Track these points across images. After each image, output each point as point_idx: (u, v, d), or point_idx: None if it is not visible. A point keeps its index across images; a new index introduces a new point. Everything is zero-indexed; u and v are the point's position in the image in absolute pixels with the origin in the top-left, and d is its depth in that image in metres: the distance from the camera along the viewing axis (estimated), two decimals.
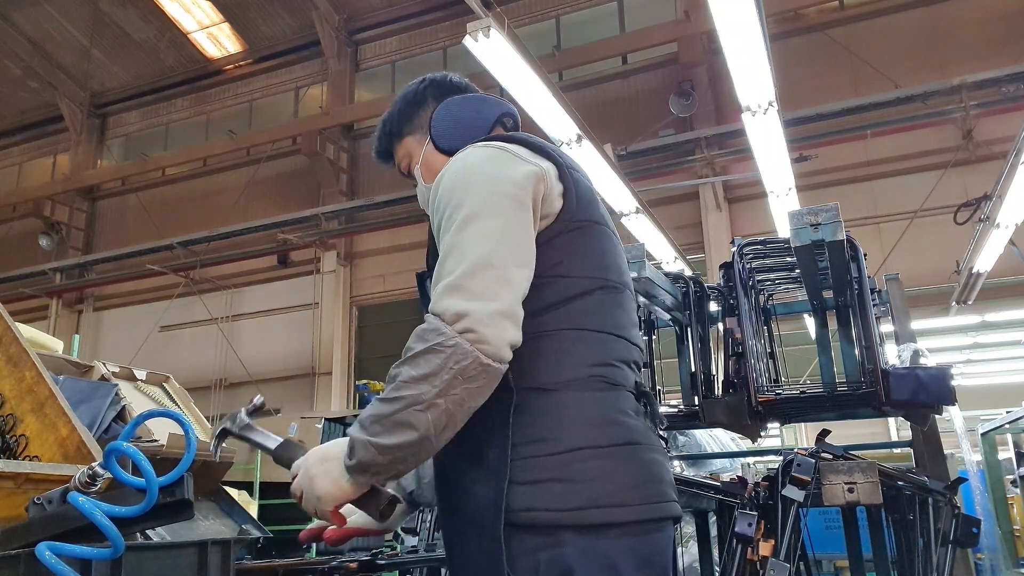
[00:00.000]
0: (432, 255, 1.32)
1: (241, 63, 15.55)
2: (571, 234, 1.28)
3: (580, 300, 1.27)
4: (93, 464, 1.22)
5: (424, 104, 1.53)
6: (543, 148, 1.34)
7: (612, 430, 1.23)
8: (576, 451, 1.18)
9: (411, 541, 3.12)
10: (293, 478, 1.25)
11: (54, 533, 1.16)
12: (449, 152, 1.41)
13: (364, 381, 13.02)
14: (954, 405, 2.92)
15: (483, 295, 1.14)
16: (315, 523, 1.40)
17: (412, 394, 1.12)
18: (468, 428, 1.17)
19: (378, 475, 1.18)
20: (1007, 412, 5.78)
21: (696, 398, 3.34)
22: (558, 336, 1.24)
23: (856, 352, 3.25)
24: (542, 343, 1.23)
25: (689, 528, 4.47)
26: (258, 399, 1.44)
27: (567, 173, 1.31)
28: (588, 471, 1.17)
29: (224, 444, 1.42)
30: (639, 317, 3.81)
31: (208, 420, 3.77)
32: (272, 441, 1.34)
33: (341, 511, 1.28)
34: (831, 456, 2.71)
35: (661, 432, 1.37)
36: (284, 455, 1.30)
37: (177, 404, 3.68)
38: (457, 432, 1.16)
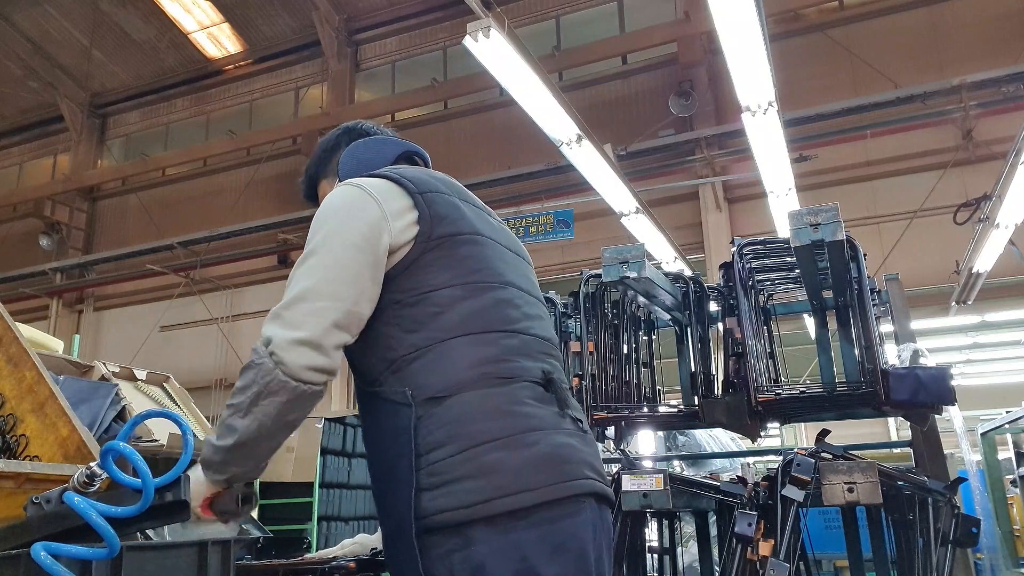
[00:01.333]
0: None
1: (241, 63, 15.55)
2: (431, 253, 1.39)
3: (456, 308, 1.36)
4: (91, 464, 1.22)
5: (338, 149, 1.70)
6: (402, 180, 1.45)
7: (509, 420, 1.30)
8: (475, 447, 1.26)
9: None
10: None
11: (52, 532, 1.16)
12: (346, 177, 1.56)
13: None
14: (954, 405, 2.92)
15: (292, 324, 1.32)
16: None
17: (235, 403, 1.32)
18: (384, 446, 1.33)
19: (218, 473, 1.33)
20: (1007, 412, 5.78)
21: (696, 398, 3.34)
22: (442, 346, 1.33)
23: (856, 352, 3.25)
24: (429, 355, 1.33)
25: (689, 528, 4.47)
26: None
27: (419, 199, 1.42)
28: (489, 464, 1.25)
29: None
30: (639, 317, 3.82)
31: (208, 420, 3.76)
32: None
33: None
34: (831, 456, 2.71)
35: (575, 415, 1.42)
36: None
37: (177, 404, 3.68)
38: (381, 450, 1.34)
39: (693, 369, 3.44)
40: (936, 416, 3.07)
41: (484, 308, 1.38)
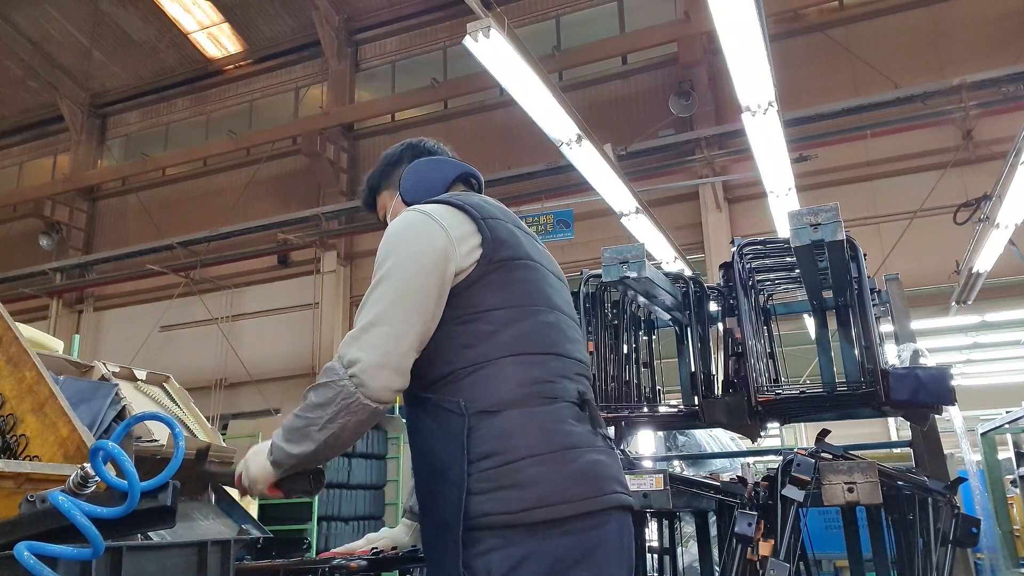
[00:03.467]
0: None
1: (241, 63, 15.55)
2: (492, 275, 1.51)
3: (510, 328, 1.49)
4: (85, 464, 1.21)
5: (400, 164, 1.82)
6: (465, 206, 1.57)
7: (551, 438, 1.44)
8: (521, 460, 1.39)
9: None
10: (238, 477, 1.60)
11: (43, 531, 1.15)
12: (407, 203, 1.69)
13: None
14: (954, 405, 2.92)
15: (371, 348, 1.43)
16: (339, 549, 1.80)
17: (311, 417, 1.46)
18: (435, 450, 1.45)
19: (290, 470, 1.52)
20: (1007, 412, 5.78)
21: (696, 398, 3.34)
22: (497, 363, 1.46)
23: (856, 352, 3.25)
24: (484, 371, 1.46)
25: (689, 528, 4.47)
26: None
27: (483, 224, 1.55)
28: (532, 477, 1.39)
29: None
30: (639, 317, 3.82)
31: (208, 420, 3.76)
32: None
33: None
34: (831, 456, 2.71)
35: (604, 432, 1.58)
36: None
37: (177, 404, 3.68)
38: (431, 452, 1.46)
39: (693, 369, 3.44)
40: (936, 416, 3.07)
41: (533, 330, 1.52)
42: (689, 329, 3.49)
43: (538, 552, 1.36)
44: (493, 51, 5.53)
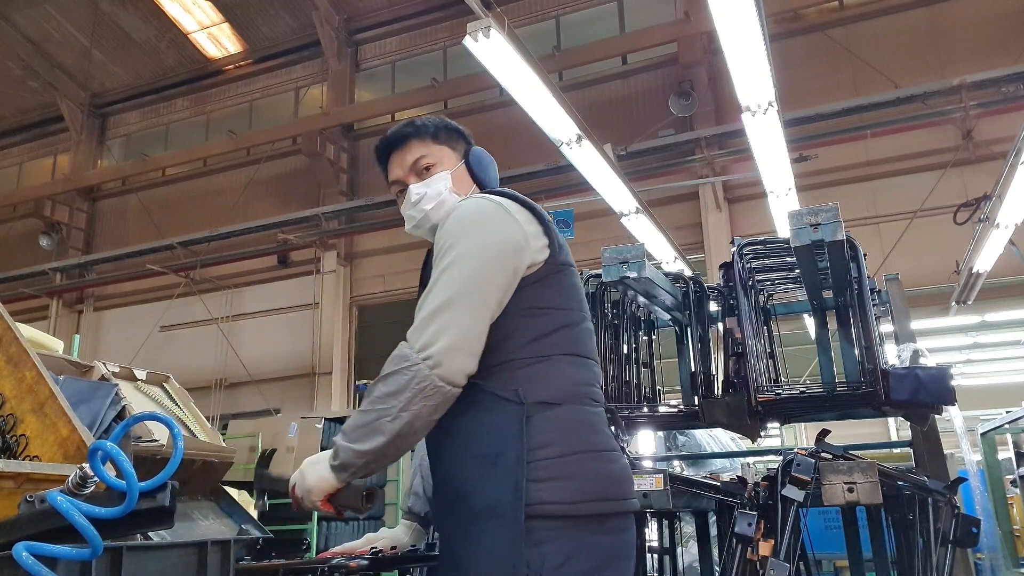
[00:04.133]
0: (428, 270, 1.59)
1: (241, 63, 15.54)
2: (557, 275, 1.56)
3: (569, 329, 1.55)
4: (84, 465, 1.20)
5: (462, 137, 1.78)
6: (530, 206, 1.60)
7: (599, 438, 1.51)
8: (577, 454, 1.44)
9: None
10: (292, 489, 1.54)
11: (42, 531, 1.15)
12: (477, 180, 1.73)
13: (364, 381, 13.01)
14: (954, 405, 2.92)
15: (447, 330, 1.41)
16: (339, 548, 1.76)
17: (383, 407, 1.40)
18: (482, 435, 1.45)
19: (355, 473, 1.45)
20: (1007, 412, 5.78)
21: (696, 398, 3.34)
22: (557, 359, 1.51)
23: (856, 352, 3.25)
24: (544, 365, 1.49)
25: (689, 528, 4.47)
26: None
27: (549, 226, 1.59)
28: (586, 471, 1.44)
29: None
30: (639, 317, 3.82)
31: (208, 420, 3.76)
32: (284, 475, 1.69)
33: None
34: (831, 456, 2.71)
35: (621, 442, 1.72)
36: (287, 479, 1.63)
37: (177, 404, 3.68)
38: (475, 438, 1.45)
39: (693, 369, 3.44)
40: (936, 416, 3.07)
41: (582, 335, 1.59)
42: (689, 329, 3.49)
43: (585, 548, 1.40)
44: (493, 51, 5.53)
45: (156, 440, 2.87)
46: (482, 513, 1.41)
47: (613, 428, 1.63)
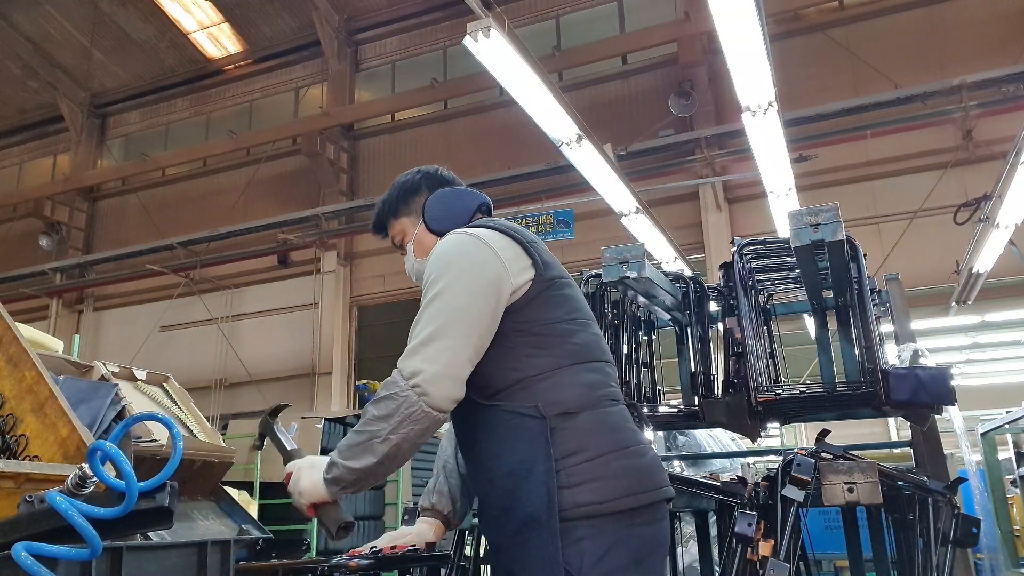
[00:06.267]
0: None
1: (241, 63, 15.55)
2: (545, 293, 1.63)
3: (571, 339, 1.62)
4: (83, 465, 1.20)
5: (418, 192, 1.88)
6: (508, 231, 1.68)
7: (624, 436, 1.59)
8: (605, 455, 1.53)
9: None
10: (287, 474, 1.63)
11: (40, 532, 1.14)
12: (438, 233, 1.78)
13: (364, 381, 13.01)
14: (954, 405, 2.91)
15: (432, 360, 1.49)
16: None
17: (373, 430, 1.50)
18: (509, 453, 1.54)
19: (345, 488, 1.55)
20: (1007, 412, 5.77)
21: (696, 398, 3.34)
22: (567, 370, 1.59)
23: (856, 352, 3.25)
24: (556, 378, 1.57)
25: (689, 528, 4.47)
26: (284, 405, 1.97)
27: (529, 247, 1.66)
28: (616, 469, 1.53)
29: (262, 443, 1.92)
30: (639, 317, 3.82)
31: (208, 420, 3.76)
32: (289, 445, 1.76)
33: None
34: (831, 456, 2.70)
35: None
36: (291, 457, 1.69)
37: (177, 404, 3.68)
38: (506, 455, 1.54)
39: (693, 369, 3.44)
40: (936, 416, 3.07)
41: (589, 342, 1.66)
42: (689, 329, 3.49)
43: (623, 539, 1.50)
44: (493, 51, 5.53)
45: (156, 440, 2.87)
46: (523, 524, 1.50)
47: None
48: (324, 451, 8.00)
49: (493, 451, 1.58)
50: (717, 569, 2.87)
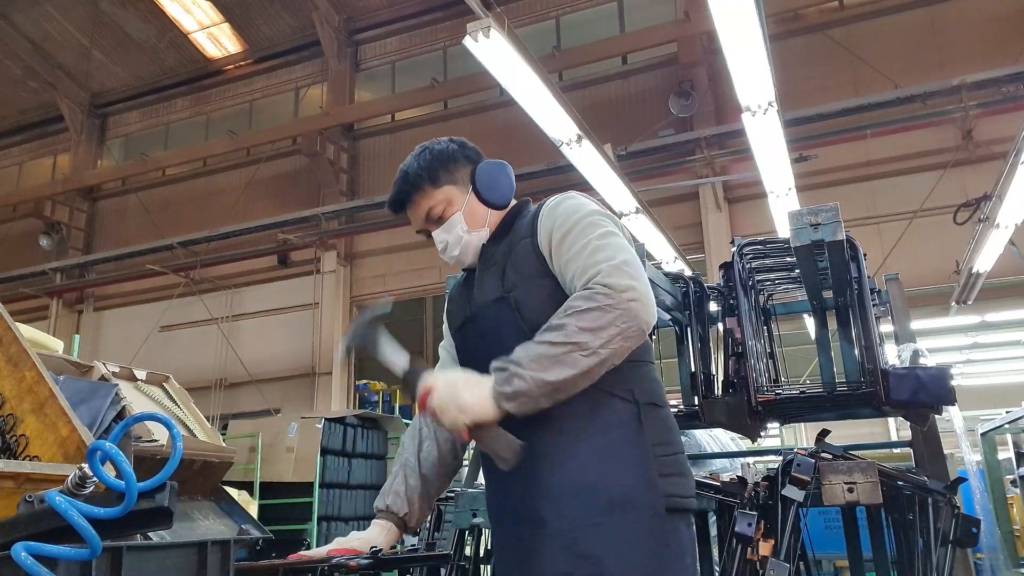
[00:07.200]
0: (513, 279, 1.57)
1: (241, 63, 15.54)
2: None
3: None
4: (83, 465, 1.20)
5: (457, 160, 1.72)
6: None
7: (681, 440, 1.62)
8: (679, 453, 1.56)
9: (411, 540, 3.12)
10: (421, 391, 1.45)
11: (40, 532, 1.14)
12: (495, 205, 1.70)
13: (364, 381, 13.04)
14: (954, 405, 2.92)
15: (640, 279, 1.42)
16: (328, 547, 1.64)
17: (581, 341, 1.36)
18: (605, 432, 1.47)
19: (524, 405, 1.38)
20: (1007, 412, 5.78)
21: (696, 398, 3.34)
22: (651, 365, 1.61)
23: (856, 352, 3.25)
24: (644, 369, 1.57)
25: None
26: (385, 303, 1.65)
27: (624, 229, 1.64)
28: (687, 469, 1.56)
29: (351, 350, 1.63)
30: None
31: (208, 420, 3.77)
32: (401, 356, 1.53)
33: None
34: (831, 456, 2.71)
35: None
36: (418, 372, 1.49)
37: (177, 404, 3.68)
38: (595, 433, 1.47)
39: (693, 369, 3.44)
40: (936, 416, 3.07)
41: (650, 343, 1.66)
42: (689, 329, 3.49)
43: (688, 540, 1.53)
44: (493, 51, 5.53)
45: (156, 440, 2.87)
46: (615, 505, 1.43)
47: None
48: (323, 451, 8.02)
49: (582, 427, 1.48)
50: (717, 569, 2.87)
